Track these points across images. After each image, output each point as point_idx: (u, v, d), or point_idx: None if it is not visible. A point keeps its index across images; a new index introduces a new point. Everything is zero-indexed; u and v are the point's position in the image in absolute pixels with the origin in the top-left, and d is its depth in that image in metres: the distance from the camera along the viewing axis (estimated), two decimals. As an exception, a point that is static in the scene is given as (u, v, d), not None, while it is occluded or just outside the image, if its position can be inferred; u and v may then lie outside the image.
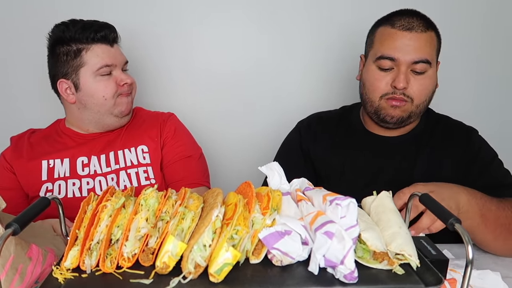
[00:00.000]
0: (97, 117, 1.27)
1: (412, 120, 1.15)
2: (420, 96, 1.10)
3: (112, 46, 1.25)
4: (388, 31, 1.09)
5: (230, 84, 1.71)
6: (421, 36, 1.06)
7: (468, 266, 0.54)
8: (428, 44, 1.07)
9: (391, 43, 1.07)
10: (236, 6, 1.65)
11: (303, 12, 1.65)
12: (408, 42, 1.05)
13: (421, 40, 1.06)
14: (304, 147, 1.29)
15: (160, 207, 0.66)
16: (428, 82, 1.09)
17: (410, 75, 1.08)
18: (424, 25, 1.07)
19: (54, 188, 1.24)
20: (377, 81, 1.11)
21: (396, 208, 0.70)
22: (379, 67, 1.10)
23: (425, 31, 1.06)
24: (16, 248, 0.64)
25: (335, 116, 1.33)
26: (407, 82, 1.07)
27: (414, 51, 1.05)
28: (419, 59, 1.06)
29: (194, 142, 1.42)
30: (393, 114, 1.11)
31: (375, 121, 1.19)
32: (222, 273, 0.57)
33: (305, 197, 0.71)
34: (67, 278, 0.60)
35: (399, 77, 1.06)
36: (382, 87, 1.10)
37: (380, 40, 1.11)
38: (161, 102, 1.69)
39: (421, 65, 1.06)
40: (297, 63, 1.71)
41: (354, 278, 0.56)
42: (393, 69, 1.09)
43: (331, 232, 0.57)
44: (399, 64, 1.07)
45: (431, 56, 1.08)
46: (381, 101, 1.12)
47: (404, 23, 1.07)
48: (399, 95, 1.08)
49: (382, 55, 1.08)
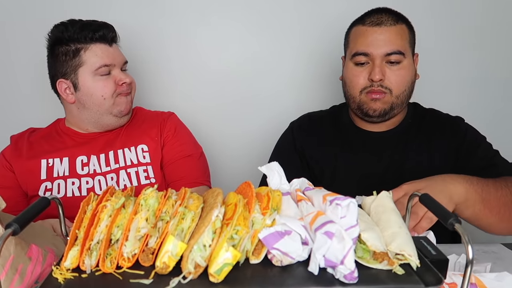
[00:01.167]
0: (96, 117, 1.27)
1: (396, 111, 1.18)
2: (398, 87, 1.13)
3: (111, 45, 1.25)
4: (360, 29, 1.16)
5: (230, 83, 1.72)
6: (391, 29, 1.12)
7: (468, 266, 0.54)
8: (399, 36, 1.13)
9: (363, 40, 1.14)
10: (235, 6, 1.65)
11: (294, 12, 1.67)
12: (379, 37, 1.12)
13: (391, 32, 1.12)
14: (298, 146, 1.31)
15: (160, 207, 0.66)
16: (405, 73, 1.13)
17: (385, 67, 1.13)
18: (393, 19, 1.13)
19: (53, 187, 1.24)
20: (355, 77, 1.16)
21: (396, 208, 0.70)
22: (355, 64, 1.16)
23: (395, 24, 1.13)
24: (16, 248, 0.64)
25: (325, 115, 1.37)
26: (383, 74, 1.12)
27: (386, 44, 1.11)
28: (391, 51, 1.11)
29: (194, 141, 1.42)
30: (375, 107, 1.15)
31: (359, 116, 1.22)
32: (222, 273, 0.56)
33: (305, 197, 0.70)
34: (67, 278, 0.59)
35: (374, 70, 1.12)
36: (361, 82, 1.15)
37: (354, 39, 1.17)
38: (161, 102, 1.69)
39: (394, 56, 1.11)
40: (293, 62, 1.72)
41: (354, 278, 0.56)
42: (368, 64, 1.14)
43: (331, 232, 0.57)
44: (373, 58, 1.12)
45: (404, 47, 1.13)
46: (361, 95, 1.16)
47: (373, 20, 1.14)
48: (377, 87, 1.13)
49: (357, 52, 1.14)
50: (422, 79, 1.26)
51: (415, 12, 1.26)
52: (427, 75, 1.59)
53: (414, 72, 1.18)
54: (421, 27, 1.27)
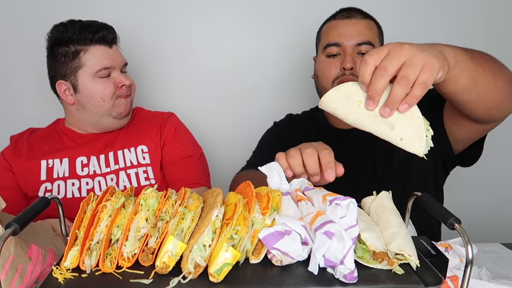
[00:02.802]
0: (95, 119, 1.27)
1: None
2: None
3: (110, 47, 1.25)
4: (331, 24, 1.21)
5: (229, 82, 1.72)
6: (361, 22, 1.17)
7: (468, 266, 0.54)
8: (369, 29, 1.17)
9: (334, 31, 1.19)
10: (234, 2, 1.65)
11: (292, 11, 1.67)
12: (349, 28, 1.17)
13: (361, 25, 1.17)
14: (284, 141, 1.29)
15: (160, 207, 0.66)
16: None
17: (356, 57, 1.15)
18: (362, 15, 1.19)
19: (53, 188, 1.24)
20: (327, 68, 1.19)
21: (395, 208, 0.70)
22: (327, 55, 1.19)
23: (364, 19, 1.18)
24: (16, 248, 0.64)
25: (305, 116, 1.39)
26: (354, 63, 1.14)
27: (356, 34, 1.15)
28: (362, 41, 1.15)
29: (194, 142, 1.42)
30: None
31: None
32: (222, 273, 0.57)
33: (304, 197, 0.71)
34: (67, 278, 0.59)
35: (346, 59, 1.14)
36: (332, 72, 1.18)
37: (326, 33, 1.22)
38: (161, 102, 1.69)
39: (365, 46, 1.15)
40: (293, 62, 1.72)
41: (353, 278, 0.56)
42: (340, 55, 1.17)
43: (330, 232, 0.57)
44: (344, 48, 1.16)
45: (373, 39, 1.17)
46: (334, 85, 1.14)
47: (343, 14, 1.20)
48: (348, 75, 1.15)
49: (328, 43, 1.18)
50: None
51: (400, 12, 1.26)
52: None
53: None
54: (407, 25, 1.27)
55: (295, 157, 0.83)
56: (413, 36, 1.22)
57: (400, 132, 0.69)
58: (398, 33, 1.63)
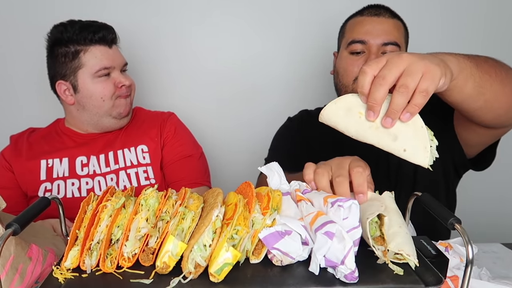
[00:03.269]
0: (95, 119, 1.27)
1: None
2: None
3: (110, 47, 1.25)
4: (358, 19, 1.16)
5: (229, 82, 1.72)
6: (389, 21, 1.13)
7: (468, 266, 0.54)
8: (396, 29, 1.13)
9: (360, 28, 1.14)
10: (234, 3, 1.65)
11: (295, 11, 1.67)
12: (377, 26, 1.12)
13: (389, 24, 1.12)
14: (302, 134, 1.29)
15: (160, 207, 0.66)
16: None
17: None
18: (390, 14, 1.15)
19: (53, 188, 1.24)
20: (349, 66, 1.14)
21: (397, 209, 0.70)
22: (351, 52, 1.15)
23: (392, 18, 1.14)
24: (16, 248, 0.64)
25: (314, 118, 1.34)
26: None
27: (383, 33, 1.11)
28: (388, 41, 1.10)
29: (194, 142, 1.42)
30: None
31: None
32: (222, 273, 0.57)
33: (304, 197, 0.71)
34: (67, 278, 0.59)
35: (370, 57, 1.10)
36: (355, 70, 1.13)
37: (351, 28, 1.17)
38: (161, 102, 1.68)
39: (391, 47, 1.10)
40: (293, 61, 1.72)
41: (354, 278, 0.56)
42: (364, 53, 1.13)
43: (331, 232, 0.57)
44: (369, 46, 1.11)
45: (400, 40, 1.13)
46: (355, 84, 1.14)
47: (371, 11, 1.15)
48: None
49: (353, 40, 1.13)
50: None
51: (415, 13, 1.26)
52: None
53: None
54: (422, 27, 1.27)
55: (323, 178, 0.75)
56: (413, 35, 1.22)
57: (403, 143, 0.67)
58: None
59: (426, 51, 1.41)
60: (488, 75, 0.79)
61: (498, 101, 0.85)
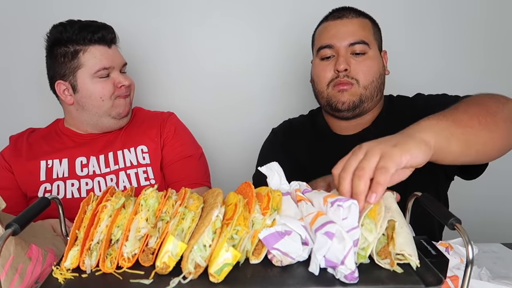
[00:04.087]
0: (95, 119, 1.27)
1: (366, 105, 1.15)
2: (365, 77, 1.12)
3: (110, 47, 1.25)
4: (324, 25, 1.18)
5: (229, 83, 1.72)
6: (353, 21, 1.14)
7: (468, 266, 0.54)
8: (362, 27, 1.14)
9: (326, 33, 1.16)
10: (234, 5, 1.65)
11: (293, 13, 1.67)
12: (341, 28, 1.13)
13: (353, 24, 1.14)
14: (287, 149, 1.28)
15: (160, 207, 0.66)
16: (371, 63, 1.13)
17: (350, 58, 1.12)
18: (355, 13, 1.15)
19: (52, 188, 1.24)
20: (321, 71, 1.16)
21: (398, 209, 0.70)
22: (321, 58, 1.16)
23: (357, 17, 1.15)
24: (16, 248, 0.64)
25: (305, 121, 1.35)
26: (348, 64, 1.11)
27: (348, 34, 1.12)
28: (354, 41, 1.11)
29: (194, 142, 1.42)
30: (343, 99, 1.13)
31: (329, 113, 1.20)
32: (222, 273, 0.56)
33: (304, 198, 0.71)
34: (67, 278, 0.59)
35: (339, 60, 1.11)
36: (327, 75, 1.15)
37: (318, 35, 1.19)
38: (161, 102, 1.69)
39: (358, 46, 1.12)
40: (293, 61, 1.72)
41: (354, 278, 0.56)
42: (334, 57, 1.14)
43: (331, 232, 0.57)
44: (337, 49, 1.13)
45: (368, 38, 1.13)
46: (329, 89, 1.15)
47: (335, 14, 1.16)
48: (343, 77, 1.12)
49: (321, 46, 1.15)
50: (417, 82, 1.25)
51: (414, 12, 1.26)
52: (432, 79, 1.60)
53: (382, 65, 1.17)
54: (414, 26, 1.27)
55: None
56: (414, 34, 1.22)
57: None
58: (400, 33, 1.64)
59: (426, 49, 1.42)
60: (470, 128, 0.78)
61: (490, 148, 0.84)
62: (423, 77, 1.72)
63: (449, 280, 0.71)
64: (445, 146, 0.73)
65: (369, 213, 0.63)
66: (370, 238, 0.60)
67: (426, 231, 1.15)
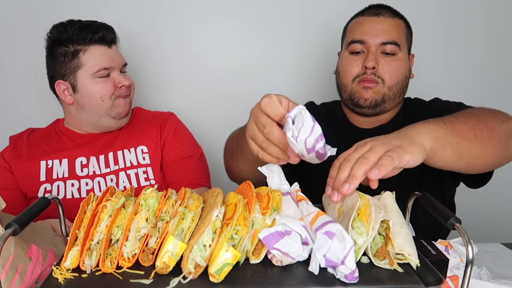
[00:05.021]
0: (95, 119, 1.27)
1: (387, 105, 1.16)
2: (391, 77, 1.13)
3: (110, 47, 1.25)
4: (358, 20, 1.18)
5: (229, 83, 1.72)
6: (388, 20, 1.13)
7: (468, 266, 0.54)
8: (396, 28, 1.14)
9: (360, 28, 1.15)
10: (235, 4, 1.65)
11: (294, 10, 1.67)
12: (376, 26, 1.13)
13: (388, 23, 1.13)
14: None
15: (160, 207, 0.66)
16: (399, 64, 1.14)
17: (380, 57, 1.13)
18: (391, 13, 1.15)
19: (52, 188, 1.24)
20: (349, 65, 1.16)
21: (398, 209, 0.70)
22: (350, 52, 1.16)
23: (393, 17, 1.14)
24: (16, 248, 0.64)
25: (321, 109, 1.35)
26: (377, 62, 1.11)
27: (382, 33, 1.12)
28: (387, 41, 1.11)
29: (194, 142, 1.42)
30: (366, 96, 1.14)
31: (350, 108, 1.21)
32: (222, 273, 0.56)
33: (305, 197, 0.71)
34: (67, 278, 0.59)
35: (369, 57, 1.11)
36: (354, 70, 1.15)
37: (351, 29, 1.19)
38: (161, 102, 1.69)
39: (390, 46, 1.12)
40: (293, 61, 1.72)
41: (354, 278, 0.56)
42: (364, 53, 1.14)
43: (331, 232, 0.57)
44: (368, 46, 1.13)
45: (400, 40, 1.13)
46: (354, 84, 1.16)
47: (372, 11, 1.16)
48: (369, 75, 1.12)
49: (353, 40, 1.15)
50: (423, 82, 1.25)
51: (417, 13, 1.26)
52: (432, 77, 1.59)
53: (409, 68, 1.18)
54: (423, 27, 1.27)
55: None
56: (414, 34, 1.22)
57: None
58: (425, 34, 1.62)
59: (428, 49, 1.41)
60: (466, 140, 0.81)
61: (480, 161, 0.87)
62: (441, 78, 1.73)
63: (449, 280, 0.71)
64: (439, 152, 0.77)
65: (359, 215, 0.63)
66: (360, 241, 0.61)
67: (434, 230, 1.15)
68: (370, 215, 0.62)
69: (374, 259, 0.61)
